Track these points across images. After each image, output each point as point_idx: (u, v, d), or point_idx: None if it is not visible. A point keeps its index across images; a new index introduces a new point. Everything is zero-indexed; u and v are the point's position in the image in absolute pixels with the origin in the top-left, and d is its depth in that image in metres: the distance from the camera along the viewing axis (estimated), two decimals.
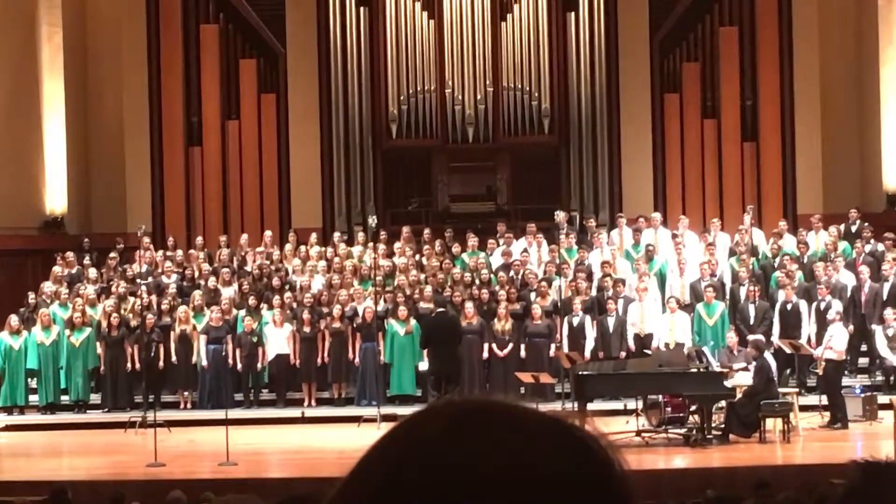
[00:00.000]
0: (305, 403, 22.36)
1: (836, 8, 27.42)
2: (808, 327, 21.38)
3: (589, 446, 1.31)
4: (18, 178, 26.24)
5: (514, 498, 1.25)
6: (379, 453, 1.32)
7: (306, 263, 24.04)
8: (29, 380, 22.71)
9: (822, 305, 21.14)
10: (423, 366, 21.08)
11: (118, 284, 23.49)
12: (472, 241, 24.37)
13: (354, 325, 22.32)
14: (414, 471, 1.28)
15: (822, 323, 20.72)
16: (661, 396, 18.49)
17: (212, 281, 23.50)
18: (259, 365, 22.37)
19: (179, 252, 24.89)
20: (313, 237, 24.95)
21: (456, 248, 24.34)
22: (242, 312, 22.55)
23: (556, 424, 1.32)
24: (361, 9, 26.94)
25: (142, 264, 23.74)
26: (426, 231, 25.03)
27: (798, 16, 26.77)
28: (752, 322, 21.61)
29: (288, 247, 24.84)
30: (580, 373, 18.73)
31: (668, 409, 18.41)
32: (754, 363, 18.46)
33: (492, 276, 23.15)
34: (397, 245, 24.43)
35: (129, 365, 22.51)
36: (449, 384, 19.47)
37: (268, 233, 25.49)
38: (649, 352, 20.77)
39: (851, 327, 21.12)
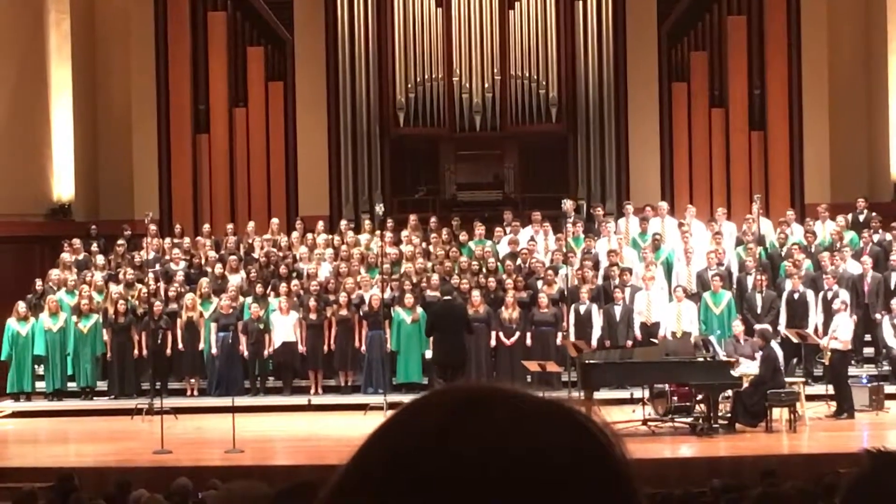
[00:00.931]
0: (312, 391, 22.37)
1: None
2: (815, 317, 21.36)
3: (592, 432, 1.31)
4: (26, 165, 26.24)
5: (516, 483, 1.25)
6: (380, 439, 1.32)
7: (313, 251, 24.04)
8: (36, 366, 22.75)
9: (830, 295, 21.12)
10: (430, 354, 21.08)
11: (125, 271, 23.51)
12: (479, 229, 24.37)
13: (361, 313, 22.33)
14: (415, 457, 1.27)
15: (830, 312, 20.71)
16: (667, 385, 18.49)
17: (218, 268, 23.50)
18: (265, 352, 22.38)
19: (187, 239, 24.91)
20: (320, 225, 24.96)
21: (463, 237, 24.33)
22: (249, 300, 22.56)
23: (561, 412, 1.32)
24: None
25: (149, 251, 23.74)
26: (433, 219, 25.01)
27: (806, 5, 26.73)
28: (759, 311, 21.60)
29: (295, 234, 24.82)
30: (587, 361, 18.74)
31: (675, 398, 18.41)
32: (761, 352, 18.45)
33: (498, 264, 23.15)
34: (404, 233, 24.41)
35: (136, 352, 22.54)
36: (454, 372, 19.45)
37: (275, 220, 25.49)
38: (656, 341, 20.77)
39: (855, 317, 21.09)
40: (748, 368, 18.60)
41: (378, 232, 23.98)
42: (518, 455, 1.26)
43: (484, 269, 22.94)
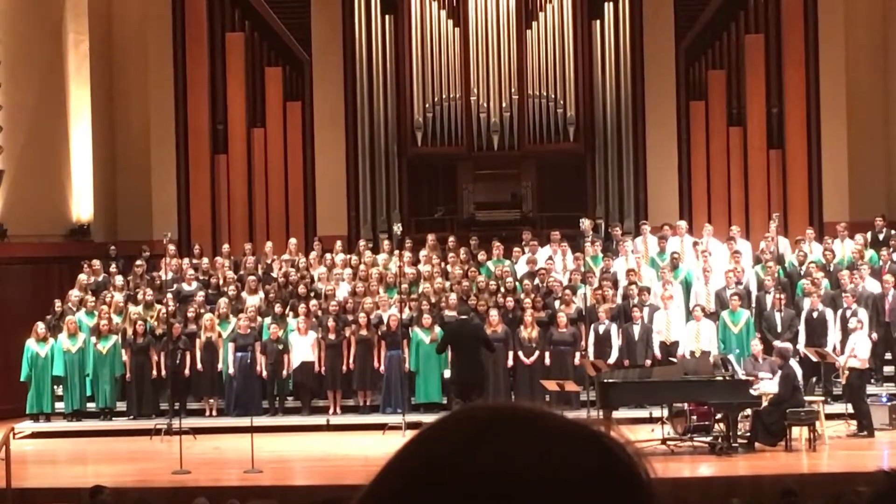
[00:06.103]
0: (330, 411, 22.35)
1: (862, 15, 27.33)
2: (834, 335, 21.29)
3: (615, 452, 1.31)
4: (45, 186, 26.29)
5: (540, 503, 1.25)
6: (403, 459, 1.32)
7: (332, 271, 24.05)
8: (55, 387, 22.75)
9: (848, 313, 21.06)
10: (449, 374, 21.06)
11: (144, 292, 23.53)
12: (498, 248, 24.36)
13: (379, 333, 22.31)
14: (438, 476, 1.27)
15: (848, 331, 20.63)
16: (686, 404, 18.45)
17: (231, 289, 23.48)
18: (284, 372, 22.38)
19: (205, 260, 24.94)
20: (338, 245, 24.97)
21: (481, 256, 24.32)
22: (268, 320, 22.57)
23: (582, 431, 1.32)
24: (386, 16, 26.98)
25: (167, 272, 23.77)
26: (451, 239, 24.97)
27: (824, 23, 26.70)
28: (778, 330, 21.54)
29: (313, 254, 24.84)
30: (605, 381, 18.70)
31: (694, 417, 18.36)
32: (780, 371, 18.40)
33: (517, 283, 23.12)
34: (422, 253, 24.41)
35: (154, 372, 22.56)
36: (472, 392, 19.41)
37: (293, 240, 25.51)
38: (674, 360, 20.72)
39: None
40: (767, 387, 18.55)
41: (396, 252, 23.98)
42: (542, 475, 1.26)
43: (502, 289, 22.92)
